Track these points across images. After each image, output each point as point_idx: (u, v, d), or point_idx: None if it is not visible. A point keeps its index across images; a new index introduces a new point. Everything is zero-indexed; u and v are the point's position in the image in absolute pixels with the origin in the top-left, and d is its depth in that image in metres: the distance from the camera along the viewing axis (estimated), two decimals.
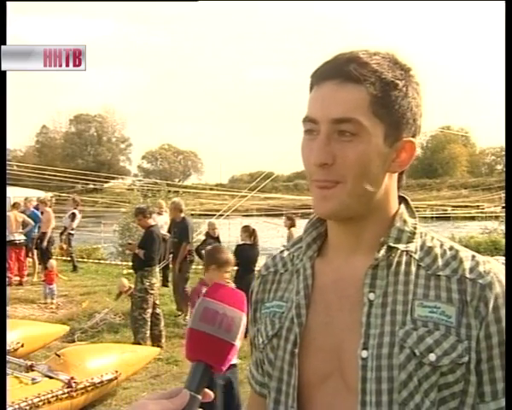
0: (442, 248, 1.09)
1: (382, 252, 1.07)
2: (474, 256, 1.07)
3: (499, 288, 1.02)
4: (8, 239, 10.87)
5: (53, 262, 10.58)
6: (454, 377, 1.00)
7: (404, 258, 1.08)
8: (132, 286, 8.83)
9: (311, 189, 1.09)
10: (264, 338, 1.18)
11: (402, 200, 1.15)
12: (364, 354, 1.04)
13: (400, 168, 1.10)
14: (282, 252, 1.26)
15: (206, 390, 0.90)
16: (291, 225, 10.90)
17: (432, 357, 1.00)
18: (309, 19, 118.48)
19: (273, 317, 1.17)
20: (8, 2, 2.71)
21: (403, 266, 1.07)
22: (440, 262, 1.06)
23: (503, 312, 1.01)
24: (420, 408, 1.00)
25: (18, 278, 12.03)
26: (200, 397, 0.88)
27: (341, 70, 1.03)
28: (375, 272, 1.07)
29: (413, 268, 1.07)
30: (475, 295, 1.01)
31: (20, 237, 12.15)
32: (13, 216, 11.95)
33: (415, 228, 1.11)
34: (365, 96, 1.02)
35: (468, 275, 1.03)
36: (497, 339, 1.00)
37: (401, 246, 1.08)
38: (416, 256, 1.08)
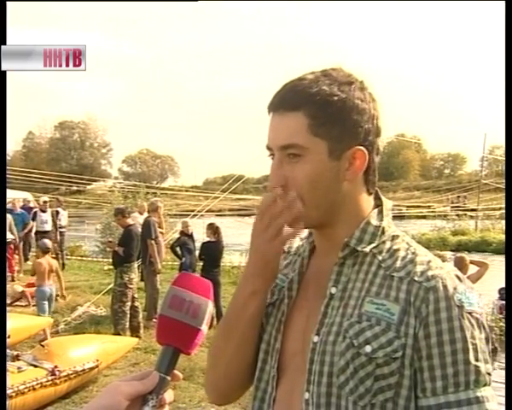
0: (406, 251, 1.09)
1: (345, 251, 1.09)
2: (429, 261, 1.07)
3: (443, 292, 1.01)
4: None
5: (17, 287, 9.97)
6: (389, 369, 1.00)
7: (369, 258, 1.10)
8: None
9: None
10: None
11: (380, 204, 1.16)
12: (315, 338, 1.07)
13: (355, 175, 1.10)
14: (299, 239, 1.29)
15: (175, 372, 0.90)
16: None
17: (368, 348, 1.01)
18: (275, 35, 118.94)
19: (274, 287, 1.20)
20: (8, 2, 2.62)
21: (365, 266, 1.09)
22: (399, 264, 1.07)
23: (443, 315, 1.00)
24: (353, 393, 1.02)
25: (9, 274, 11.82)
26: (169, 378, 0.89)
27: (282, 101, 1.08)
28: (341, 270, 1.10)
29: (373, 268, 1.08)
30: (419, 296, 1.02)
31: (8, 236, 11.92)
32: None
33: (377, 229, 1.11)
34: (304, 120, 1.06)
35: (416, 278, 1.03)
36: (435, 339, 1.00)
37: (360, 247, 1.09)
38: (380, 257, 1.09)
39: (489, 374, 1.01)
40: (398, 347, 1.00)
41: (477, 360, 1.00)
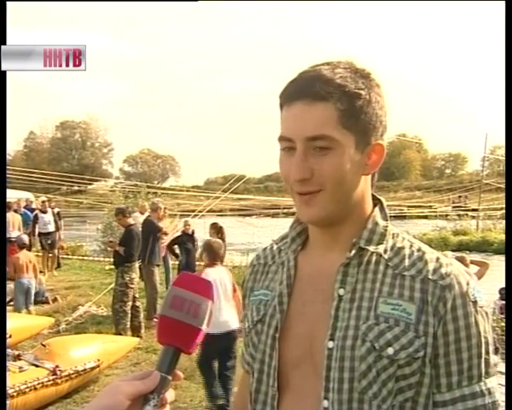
0: (411, 249, 1.08)
1: (353, 252, 1.07)
2: (438, 258, 1.06)
3: (458, 289, 1.01)
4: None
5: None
6: (410, 369, 1.00)
7: (374, 257, 1.07)
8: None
9: (292, 197, 1.08)
10: (250, 323, 1.18)
11: (378, 202, 1.14)
12: (330, 344, 1.04)
13: (373, 170, 1.09)
14: (271, 245, 1.26)
15: (176, 371, 0.90)
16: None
17: (390, 351, 1.00)
18: (275, 35, 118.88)
19: (259, 304, 1.17)
20: (8, 2, 2.61)
21: (372, 265, 1.07)
22: (407, 263, 1.06)
23: (460, 312, 1.01)
24: (377, 397, 1.00)
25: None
26: (170, 378, 0.89)
27: (308, 90, 1.02)
28: (347, 270, 1.07)
29: (381, 267, 1.06)
30: (435, 295, 1.01)
31: (15, 235, 11.93)
32: (11, 216, 11.98)
33: (385, 230, 1.10)
34: (333, 111, 1.01)
35: (430, 276, 1.03)
36: (453, 337, 1.00)
37: (371, 247, 1.07)
38: (386, 256, 1.07)
39: (495, 365, 1.04)
40: (419, 346, 1.00)
41: (487, 352, 1.02)
